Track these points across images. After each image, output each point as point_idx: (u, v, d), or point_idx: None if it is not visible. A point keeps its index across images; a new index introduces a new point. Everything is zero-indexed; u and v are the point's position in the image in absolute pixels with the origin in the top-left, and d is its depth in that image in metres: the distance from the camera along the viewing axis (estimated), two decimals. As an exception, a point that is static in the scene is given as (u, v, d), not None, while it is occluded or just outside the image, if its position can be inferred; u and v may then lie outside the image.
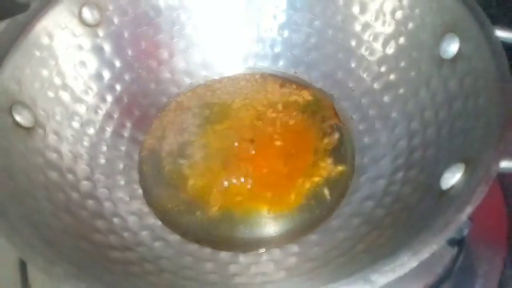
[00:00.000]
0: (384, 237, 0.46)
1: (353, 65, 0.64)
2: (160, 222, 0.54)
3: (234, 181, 0.57)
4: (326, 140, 0.61)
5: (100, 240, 0.48)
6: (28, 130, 0.50)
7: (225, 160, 0.59)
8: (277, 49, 0.70)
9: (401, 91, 0.58)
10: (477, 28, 0.48)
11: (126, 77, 0.63)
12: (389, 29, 0.60)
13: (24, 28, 0.52)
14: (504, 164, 0.39)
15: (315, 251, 0.50)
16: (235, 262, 0.50)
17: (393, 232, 0.45)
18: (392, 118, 0.58)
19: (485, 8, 0.49)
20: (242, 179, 0.56)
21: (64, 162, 0.52)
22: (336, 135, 0.61)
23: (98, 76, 0.60)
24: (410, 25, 0.57)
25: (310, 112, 0.64)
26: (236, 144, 0.61)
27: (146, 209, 0.55)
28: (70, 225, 0.47)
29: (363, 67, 0.63)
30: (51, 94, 0.53)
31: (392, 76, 0.59)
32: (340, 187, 0.56)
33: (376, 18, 0.61)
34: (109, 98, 0.61)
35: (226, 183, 0.56)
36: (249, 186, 0.56)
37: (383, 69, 0.60)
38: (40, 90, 0.52)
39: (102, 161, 0.57)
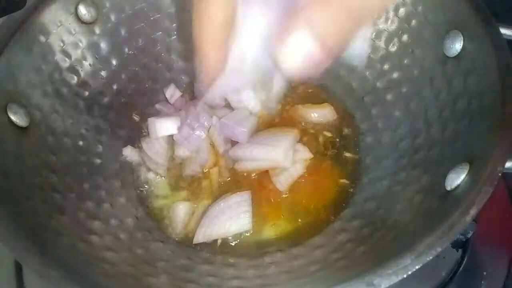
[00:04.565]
0: (387, 239, 0.45)
1: (355, 63, 0.63)
2: (157, 224, 0.54)
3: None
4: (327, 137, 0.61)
5: (96, 242, 0.47)
6: (23, 129, 0.49)
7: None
8: (277, 47, 0.69)
9: (404, 89, 0.57)
10: (482, 25, 0.47)
11: (123, 75, 0.62)
12: (392, 26, 0.59)
13: (20, 26, 0.51)
14: (509, 164, 0.38)
15: (316, 254, 0.49)
16: (233, 265, 0.50)
17: (396, 233, 0.45)
18: (395, 117, 0.57)
19: (490, 5, 0.48)
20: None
21: (60, 162, 0.51)
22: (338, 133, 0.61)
23: (94, 75, 0.59)
24: (414, 22, 0.56)
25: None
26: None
27: (143, 210, 0.55)
28: (66, 226, 0.46)
29: (365, 65, 0.62)
30: (47, 93, 0.53)
31: (395, 75, 0.59)
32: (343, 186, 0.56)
33: (379, 15, 0.60)
34: (106, 97, 0.60)
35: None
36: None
37: (386, 67, 0.60)
38: (35, 89, 0.51)
39: (98, 161, 0.56)
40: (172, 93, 0.64)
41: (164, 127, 0.59)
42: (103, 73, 0.60)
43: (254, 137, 0.59)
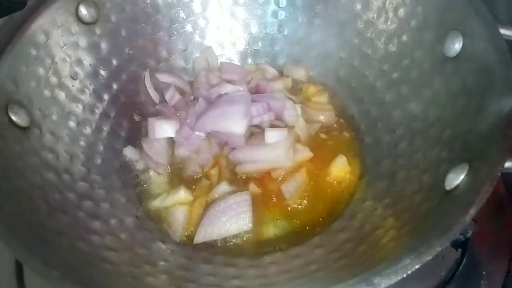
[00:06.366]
0: (386, 238, 0.45)
1: (355, 63, 0.63)
2: (157, 224, 0.54)
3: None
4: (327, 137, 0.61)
5: (96, 241, 0.47)
6: (24, 129, 0.49)
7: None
8: (277, 47, 0.70)
9: (404, 90, 0.57)
10: (482, 25, 0.47)
11: (123, 75, 0.62)
12: (392, 26, 0.59)
13: (20, 26, 0.51)
14: (509, 164, 0.38)
15: (316, 253, 0.49)
16: (233, 264, 0.50)
17: (396, 233, 0.45)
18: (394, 117, 0.57)
19: (490, 5, 0.49)
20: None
21: (60, 162, 0.51)
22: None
23: (95, 75, 0.59)
24: (413, 22, 0.56)
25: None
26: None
27: (143, 210, 0.55)
28: (66, 226, 0.46)
29: (365, 65, 0.62)
30: (47, 93, 0.53)
31: (394, 75, 0.59)
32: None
33: (379, 16, 0.60)
34: (106, 97, 0.60)
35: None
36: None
37: (385, 67, 0.60)
38: (36, 89, 0.52)
39: (99, 161, 0.56)
40: (172, 95, 0.64)
41: (162, 129, 0.59)
42: (103, 73, 0.60)
43: (251, 139, 0.58)
